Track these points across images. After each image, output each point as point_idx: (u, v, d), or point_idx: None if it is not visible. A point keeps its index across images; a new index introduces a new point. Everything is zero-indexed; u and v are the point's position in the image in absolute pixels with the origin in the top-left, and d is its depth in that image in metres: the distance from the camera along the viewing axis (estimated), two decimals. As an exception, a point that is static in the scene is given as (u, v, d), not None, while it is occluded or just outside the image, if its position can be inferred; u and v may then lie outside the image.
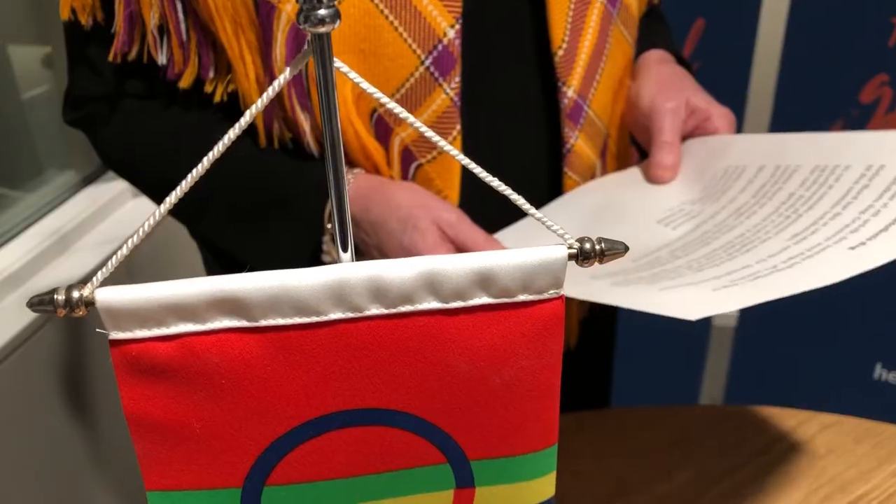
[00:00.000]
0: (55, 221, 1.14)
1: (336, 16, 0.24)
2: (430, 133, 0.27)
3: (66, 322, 1.00)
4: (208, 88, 0.59)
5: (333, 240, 0.58)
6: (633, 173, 0.68)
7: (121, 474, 1.10)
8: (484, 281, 0.28)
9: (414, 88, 0.58)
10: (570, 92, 0.64)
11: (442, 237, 0.56)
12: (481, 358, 0.29)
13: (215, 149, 0.26)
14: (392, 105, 0.27)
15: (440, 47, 0.57)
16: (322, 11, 0.24)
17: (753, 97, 1.30)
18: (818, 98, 1.27)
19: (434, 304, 0.28)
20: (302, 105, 0.58)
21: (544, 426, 0.31)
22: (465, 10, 0.57)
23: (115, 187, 1.22)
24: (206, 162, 0.26)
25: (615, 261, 0.28)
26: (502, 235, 0.62)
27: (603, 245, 0.28)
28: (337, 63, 0.26)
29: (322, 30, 0.24)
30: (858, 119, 1.26)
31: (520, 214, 0.64)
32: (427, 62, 0.57)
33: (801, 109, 1.26)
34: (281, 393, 0.28)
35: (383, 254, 0.58)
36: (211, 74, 0.59)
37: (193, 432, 0.29)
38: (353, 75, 0.27)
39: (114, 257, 0.27)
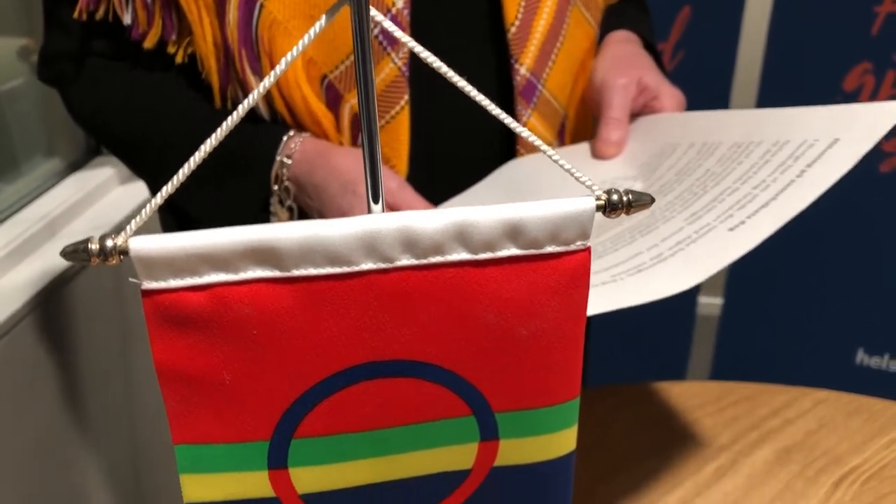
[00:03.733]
0: (41, 208, 1.13)
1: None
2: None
3: (50, 311, 0.99)
4: (171, 50, 0.61)
5: (281, 201, 0.62)
6: (581, 149, 0.68)
7: (118, 463, 1.09)
8: (513, 232, 0.28)
9: None
10: (522, 69, 0.64)
11: None
12: (508, 309, 0.29)
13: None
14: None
15: (388, 17, 0.57)
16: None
17: (738, 85, 1.31)
18: (802, 86, 1.29)
19: (463, 255, 0.28)
20: (252, 69, 0.60)
21: (568, 378, 0.31)
22: None
23: (102, 174, 1.21)
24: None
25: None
26: (445, 206, 0.63)
27: (630, 196, 0.29)
28: (374, 13, 0.26)
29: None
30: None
31: (465, 187, 0.65)
32: (375, 31, 0.58)
33: (785, 97, 1.28)
34: (311, 344, 0.29)
35: (323, 217, 0.60)
36: (173, 37, 0.61)
37: (223, 384, 0.29)
38: (396, 31, 0.27)
39: (147, 206, 0.27)
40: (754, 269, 1.45)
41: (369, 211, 0.30)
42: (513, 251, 0.29)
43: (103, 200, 1.20)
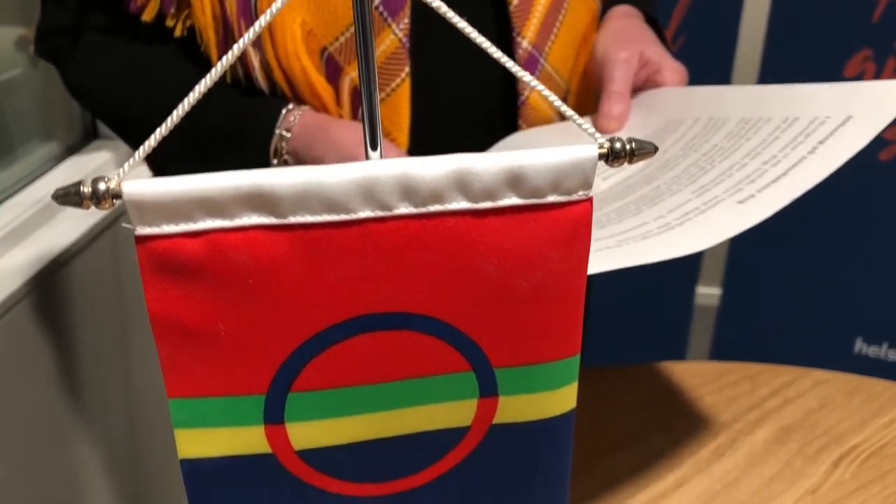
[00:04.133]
0: (38, 192, 1.12)
1: None
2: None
3: (47, 294, 0.98)
4: (169, 23, 0.60)
5: None
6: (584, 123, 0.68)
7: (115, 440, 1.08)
8: (514, 180, 0.28)
9: None
10: (524, 43, 0.64)
11: None
12: (509, 261, 0.29)
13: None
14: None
15: None
16: None
17: (738, 72, 1.31)
18: (802, 73, 1.28)
19: (463, 204, 0.28)
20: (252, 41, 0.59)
21: (568, 334, 0.31)
22: None
23: (99, 157, 1.20)
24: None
25: None
26: None
27: (633, 145, 0.28)
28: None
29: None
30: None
31: None
32: (376, 1, 0.57)
33: (786, 84, 1.27)
34: (307, 294, 0.28)
35: None
36: (172, 9, 0.60)
37: (218, 336, 0.28)
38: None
39: (140, 149, 0.26)
40: (753, 259, 1.45)
41: (367, 158, 0.29)
42: (514, 200, 0.28)
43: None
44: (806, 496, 0.61)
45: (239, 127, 0.62)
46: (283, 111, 0.61)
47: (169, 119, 0.27)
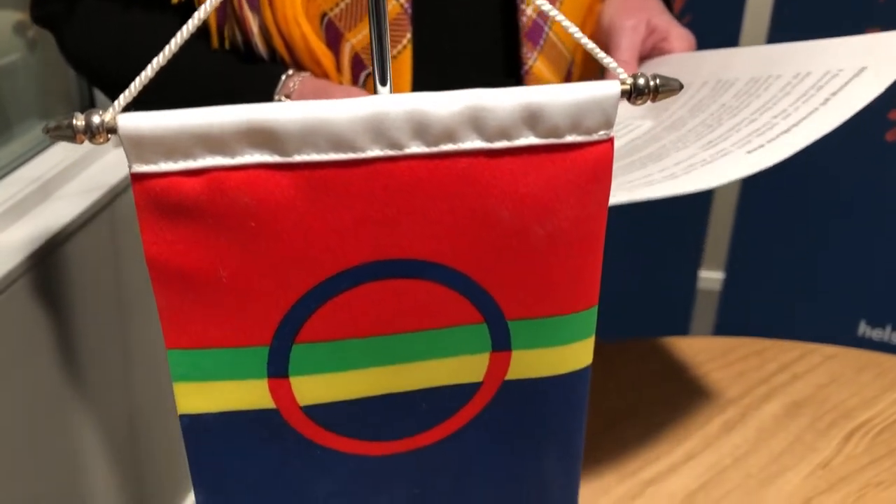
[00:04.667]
0: (35, 170, 1.11)
1: None
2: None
3: (46, 272, 0.97)
4: None
5: None
6: None
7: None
8: (531, 118, 0.26)
9: None
10: (528, 10, 0.63)
11: None
12: (525, 205, 0.27)
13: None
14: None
15: None
16: None
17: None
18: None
19: (477, 144, 0.26)
20: (250, 4, 0.58)
21: (586, 284, 0.29)
22: None
23: (95, 136, 1.18)
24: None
25: None
26: None
27: (657, 81, 0.27)
28: None
29: None
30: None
31: None
32: None
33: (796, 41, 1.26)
34: (313, 239, 0.27)
35: None
36: None
37: (219, 282, 0.27)
38: None
39: (137, 79, 0.25)
40: (755, 242, 1.44)
41: (376, 93, 0.28)
42: (531, 140, 0.27)
43: (97, 163, 1.18)
44: (817, 470, 0.59)
45: (238, 93, 0.60)
46: (283, 77, 0.59)
47: (155, 60, 0.26)
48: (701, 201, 1.47)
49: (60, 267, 1.02)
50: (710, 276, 1.55)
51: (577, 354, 0.31)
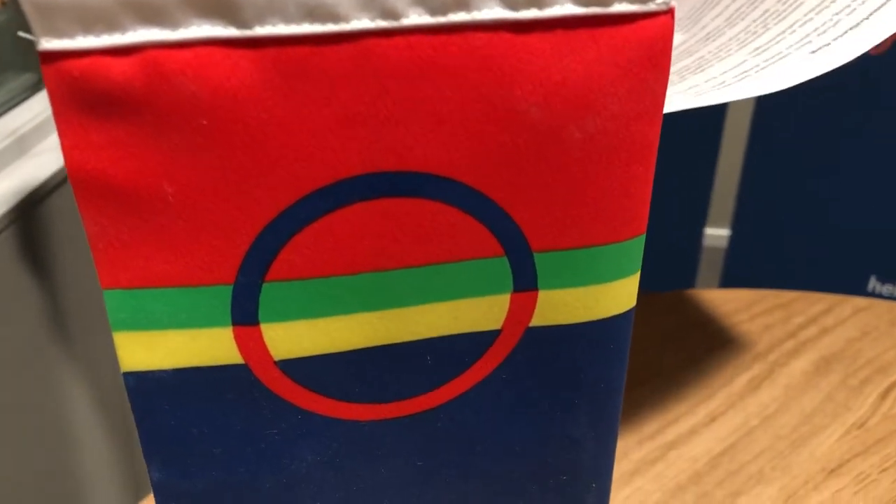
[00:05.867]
0: (11, 122, 1.04)
1: None
2: None
3: (24, 229, 0.91)
4: None
5: None
6: None
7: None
8: (569, -21, 0.20)
9: None
10: None
11: None
12: (558, 98, 0.21)
13: None
14: None
15: None
16: None
17: None
18: None
19: (499, 12, 0.20)
20: None
21: (633, 206, 0.23)
22: None
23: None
24: None
25: None
26: None
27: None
28: None
29: None
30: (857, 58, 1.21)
31: None
32: None
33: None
34: (284, 142, 0.20)
35: None
36: None
37: (165, 201, 0.21)
38: None
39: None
40: (763, 199, 1.40)
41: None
42: (568, 9, 0.20)
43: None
44: (852, 430, 0.54)
45: None
46: None
47: None
48: (706, 158, 1.42)
49: (41, 222, 0.96)
50: (716, 234, 1.50)
51: (619, 295, 0.25)
